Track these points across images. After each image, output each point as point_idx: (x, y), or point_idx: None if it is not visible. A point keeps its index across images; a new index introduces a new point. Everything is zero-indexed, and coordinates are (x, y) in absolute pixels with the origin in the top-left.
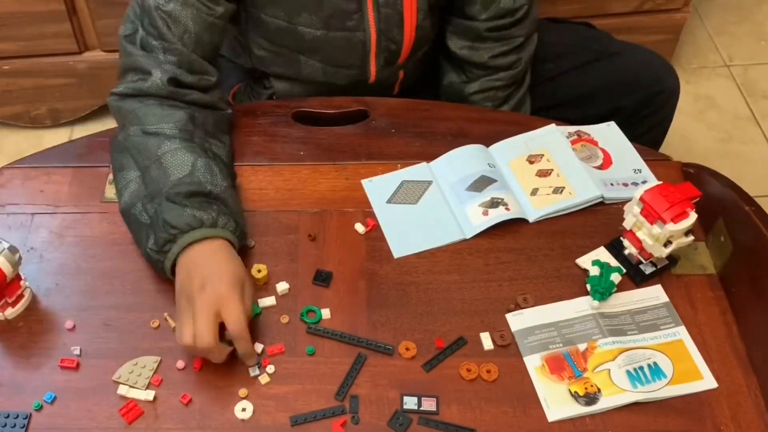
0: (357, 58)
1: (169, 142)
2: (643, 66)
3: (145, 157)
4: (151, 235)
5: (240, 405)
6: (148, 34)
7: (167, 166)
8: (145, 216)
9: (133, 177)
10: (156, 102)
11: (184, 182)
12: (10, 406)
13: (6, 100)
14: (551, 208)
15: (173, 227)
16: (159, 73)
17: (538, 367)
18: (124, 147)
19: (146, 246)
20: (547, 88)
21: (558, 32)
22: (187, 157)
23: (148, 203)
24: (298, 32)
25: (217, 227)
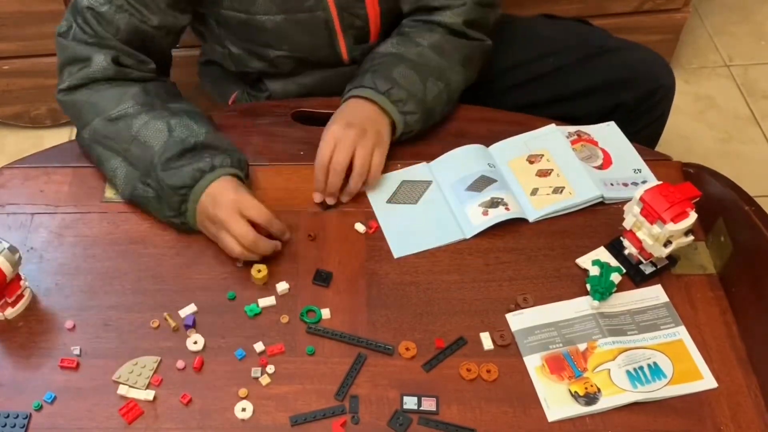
0: (323, 38)
1: (136, 120)
2: (641, 62)
3: (121, 141)
4: (164, 204)
5: (240, 405)
6: (82, 32)
7: (145, 140)
8: (150, 191)
9: (117, 164)
10: (106, 85)
11: (168, 147)
12: (10, 406)
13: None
14: (551, 208)
15: (180, 188)
16: (101, 55)
17: (538, 367)
18: (94, 141)
19: (166, 215)
20: (546, 83)
21: (555, 28)
22: (159, 124)
23: (146, 179)
24: (258, 22)
25: (217, 168)
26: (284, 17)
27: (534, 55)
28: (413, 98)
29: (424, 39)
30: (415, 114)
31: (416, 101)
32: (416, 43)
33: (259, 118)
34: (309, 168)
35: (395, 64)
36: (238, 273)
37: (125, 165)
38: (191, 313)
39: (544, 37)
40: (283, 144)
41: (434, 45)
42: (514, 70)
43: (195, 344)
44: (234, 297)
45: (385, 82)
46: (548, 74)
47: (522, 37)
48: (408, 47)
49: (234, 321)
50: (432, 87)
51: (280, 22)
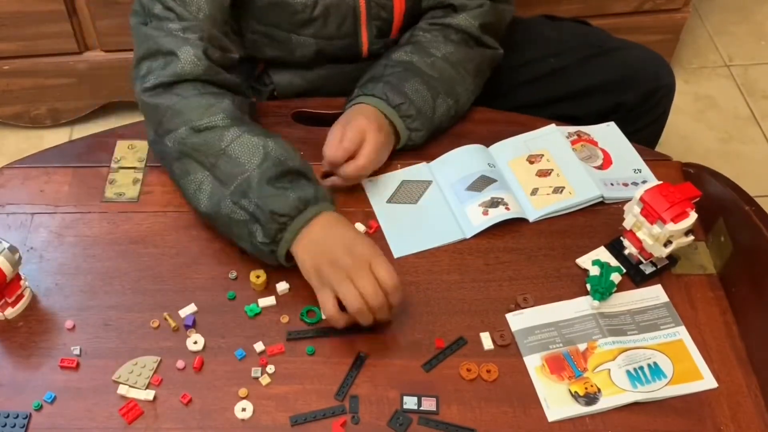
0: (349, 26)
1: (228, 133)
2: (641, 62)
3: (208, 155)
4: (256, 229)
5: (240, 405)
6: (163, 18)
7: (237, 155)
8: (241, 213)
9: (203, 178)
10: (194, 92)
11: (266, 166)
12: (10, 406)
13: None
14: (551, 208)
15: (282, 215)
16: (189, 49)
17: (538, 367)
18: (180, 151)
19: (255, 240)
20: (547, 83)
21: (556, 29)
22: (254, 141)
23: (241, 200)
24: (289, 5)
25: (319, 201)
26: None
27: (534, 56)
28: (422, 116)
29: (439, 50)
30: (421, 131)
31: (424, 119)
32: (430, 53)
33: (260, 118)
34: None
35: (407, 78)
36: (238, 273)
37: (211, 180)
38: (191, 313)
39: (545, 38)
40: None
41: (447, 56)
42: (514, 70)
43: (195, 344)
44: (234, 297)
45: (396, 96)
46: (549, 74)
47: (522, 37)
48: (422, 56)
49: (234, 321)
50: (441, 104)
51: (310, 5)
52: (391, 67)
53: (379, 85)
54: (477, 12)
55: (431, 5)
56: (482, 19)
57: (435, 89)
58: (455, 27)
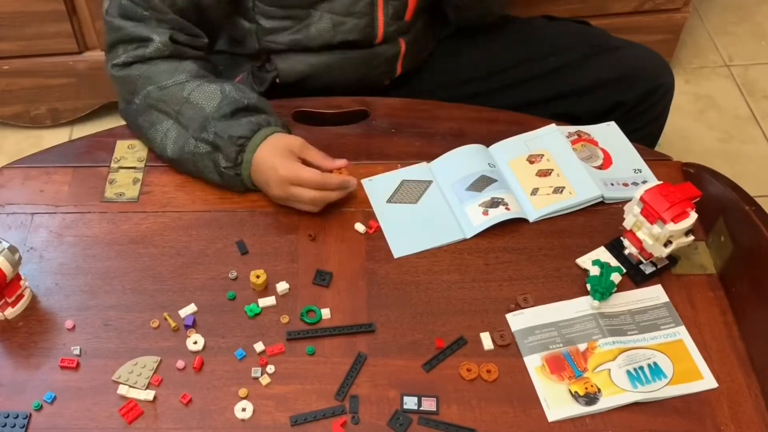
0: (366, 4)
1: (189, 84)
2: (641, 61)
3: (173, 104)
4: (219, 156)
5: (240, 405)
6: (136, 5)
7: (198, 101)
8: (204, 145)
9: (169, 125)
10: (162, 61)
11: (222, 105)
12: (10, 406)
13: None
14: (551, 208)
15: (240, 137)
16: (157, 36)
17: (538, 367)
18: (146, 105)
19: (219, 168)
20: (547, 82)
21: (556, 28)
22: (212, 87)
23: (201, 134)
24: None
25: (272, 125)
26: None
27: (534, 55)
28: None
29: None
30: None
31: None
32: None
33: None
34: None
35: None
36: (239, 273)
37: (177, 126)
38: (191, 313)
39: (544, 37)
40: None
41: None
42: (514, 68)
43: (195, 344)
44: (234, 297)
45: None
46: (548, 73)
47: (522, 36)
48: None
49: (234, 321)
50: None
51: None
52: None
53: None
54: None
55: None
56: None
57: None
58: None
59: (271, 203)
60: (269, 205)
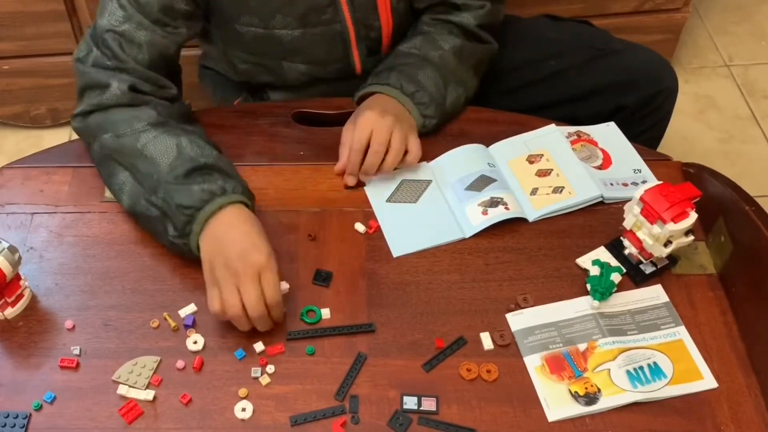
0: (339, 51)
1: (145, 135)
2: (644, 64)
3: (128, 156)
4: (168, 224)
5: (240, 405)
6: (102, 55)
7: (152, 155)
8: (154, 210)
9: (124, 178)
10: (119, 109)
11: (177, 164)
12: (10, 406)
13: (6, 100)
14: (551, 208)
15: (187, 207)
16: (116, 82)
17: (538, 367)
18: (104, 156)
19: (167, 236)
20: (549, 85)
21: (558, 29)
22: (169, 141)
23: (151, 196)
24: (276, 36)
25: (228, 193)
26: (303, 31)
27: (536, 57)
28: (434, 103)
29: (446, 42)
30: (434, 119)
31: (436, 105)
32: (438, 46)
33: (260, 118)
34: (309, 168)
35: (420, 66)
36: None
37: (131, 180)
38: (191, 312)
39: (546, 39)
40: (284, 144)
41: (455, 49)
42: (515, 71)
43: (195, 344)
44: None
45: (410, 84)
46: (550, 76)
47: (524, 38)
48: (430, 50)
49: None
50: (452, 92)
51: (298, 36)
52: (403, 57)
53: (393, 74)
54: (479, 12)
55: (432, 3)
56: (482, 20)
57: (446, 78)
58: (458, 24)
59: (271, 203)
60: (269, 205)
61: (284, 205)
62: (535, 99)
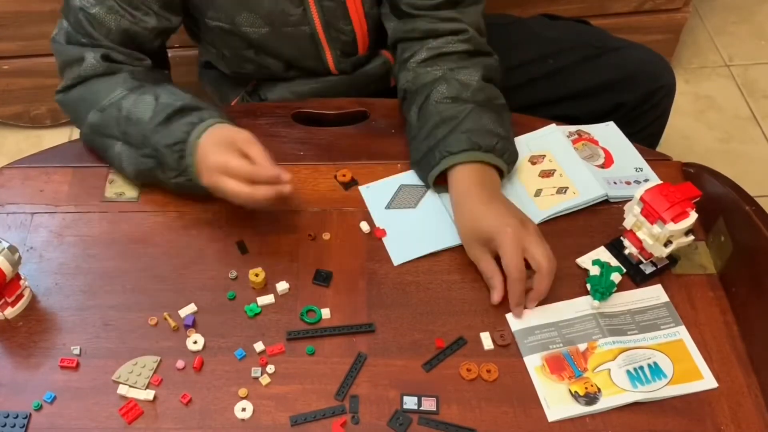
0: (310, 50)
1: (125, 101)
2: (642, 62)
3: (115, 126)
4: (165, 169)
5: (240, 405)
6: (75, 31)
7: (136, 117)
8: (150, 161)
9: (119, 148)
10: (97, 79)
11: (156, 114)
12: (9, 406)
13: (6, 100)
14: (556, 209)
15: (174, 144)
16: (91, 53)
17: (538, 367)
18: (94, 134)
19: (170, 180)
20: (548, 83)
21: (556, 28)
22: (147, 98)
23: (144, 149)
24: (242, 33)
25: (206, 120)
26: (269, 30)
27: (535, 56)
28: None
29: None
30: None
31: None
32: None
33: (259, 118)
34: (309, 168)
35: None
36: (238, 273)
37: (126, 147)
38: (191, 312)
39: (545, 38)
40: (284, 144)
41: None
42: (514, 70)
43: (195, 344)
44: (234, 297)
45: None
46: (549, 75)
47: (523, 37)
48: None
49: (234, 321)
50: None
51: (264, 34)
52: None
53: (461, 136)
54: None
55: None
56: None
57: (496, 112)
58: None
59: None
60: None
61: (284, 205)
62: (534, 97)
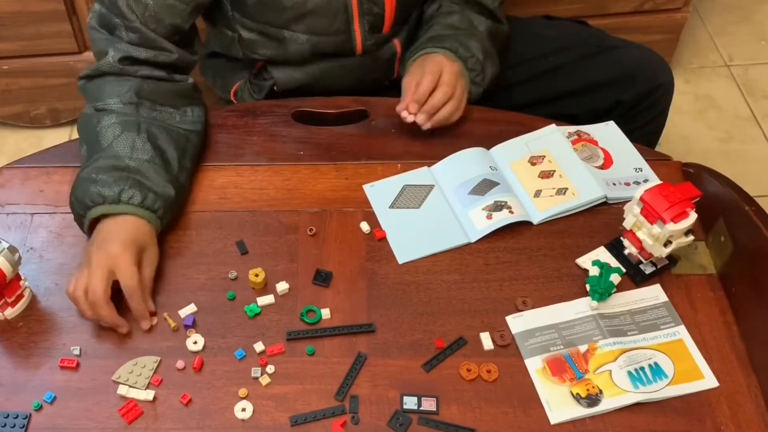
0: (341, 23)
1: (107, 117)
2: (640, 61)
3: (87, 131)
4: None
5: (240, 405)
6: (109, 12)
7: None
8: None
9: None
10: (112, 78)
11: (103, 156)
12: (10, 406)
13: (6, 100)
14: (555, 210)
15: (80, 204)
16: (112, 51)
17: (539, 369)
18: (79, 125)
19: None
20: (547, 81)
21: (555, 27)
22: (113, 132)
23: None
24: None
25: (120, 203)
26: None
27: (533, 54)
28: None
29: (481, 23)
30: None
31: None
32: (474, 25)
33: (259, 118)
34: (309, 168)
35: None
36: (238, 273)
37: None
38: (191, 313)
39: (544, 36)
40: (283, 144)
41: (488, 31)
42: (513, 68)
43: (195, 344)
44: (234, 297)
45: (464, 50)
46: (547, 72)
47: (521, 36)
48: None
49: (234, 321)
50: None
51: (300, 1)
52: (448, 28)
53: (447, 39)
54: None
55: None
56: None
57: (486, 53)
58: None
59: (272, 203)
60: (269, 205)
61: (284, 205)
62: (533, 95)
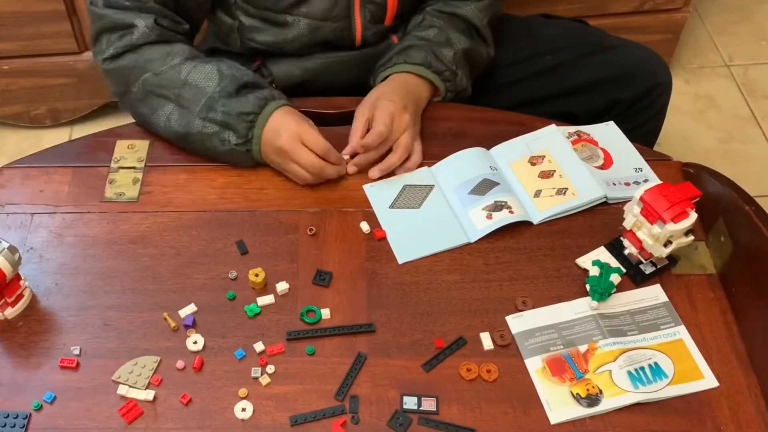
0: (341, 8)
1: (185, 66)
2: (638, 60)
3: (171, 87)
4: (229, 134)
5: (240, 405)
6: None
7: (196, 82)
8: (212, 125)
9: (170, 109)
10: (150, 46)
11: (224, 84)
12: (9, 406)
13: (6, 100)
14: (555, 210)
15: (248, 113)
16: (141, 20)
17: (539, 369)
18: (145, 93)
19: (230, 145)
20: (545, 79)
21: (553, 27)
22: (208, 67)
23: (208, 113)
24: None
25: (277, 99)
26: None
27: (532, 53)
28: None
29: (459, 41)
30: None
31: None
32: (451, 42)
33: None
34: None
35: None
36: (238, 273)
37: (178, 109)
38: (191, 313)
39: (542, 35)
40: None
41: (465, 50)
42: (512, 66)
43: (195, 344)
44: (234, 297)
45: (437, 62)
46: (546, 71)
47: (520, 35)
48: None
49: (234, 321)
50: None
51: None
52: (421, 40)
53: (419, 52)
54: (483, 5)
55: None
56: (489, 13)
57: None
58: (463, 17)
59: (272, 203)
60: (269, 205)
61: (284, 205)
62: (532, 94)
